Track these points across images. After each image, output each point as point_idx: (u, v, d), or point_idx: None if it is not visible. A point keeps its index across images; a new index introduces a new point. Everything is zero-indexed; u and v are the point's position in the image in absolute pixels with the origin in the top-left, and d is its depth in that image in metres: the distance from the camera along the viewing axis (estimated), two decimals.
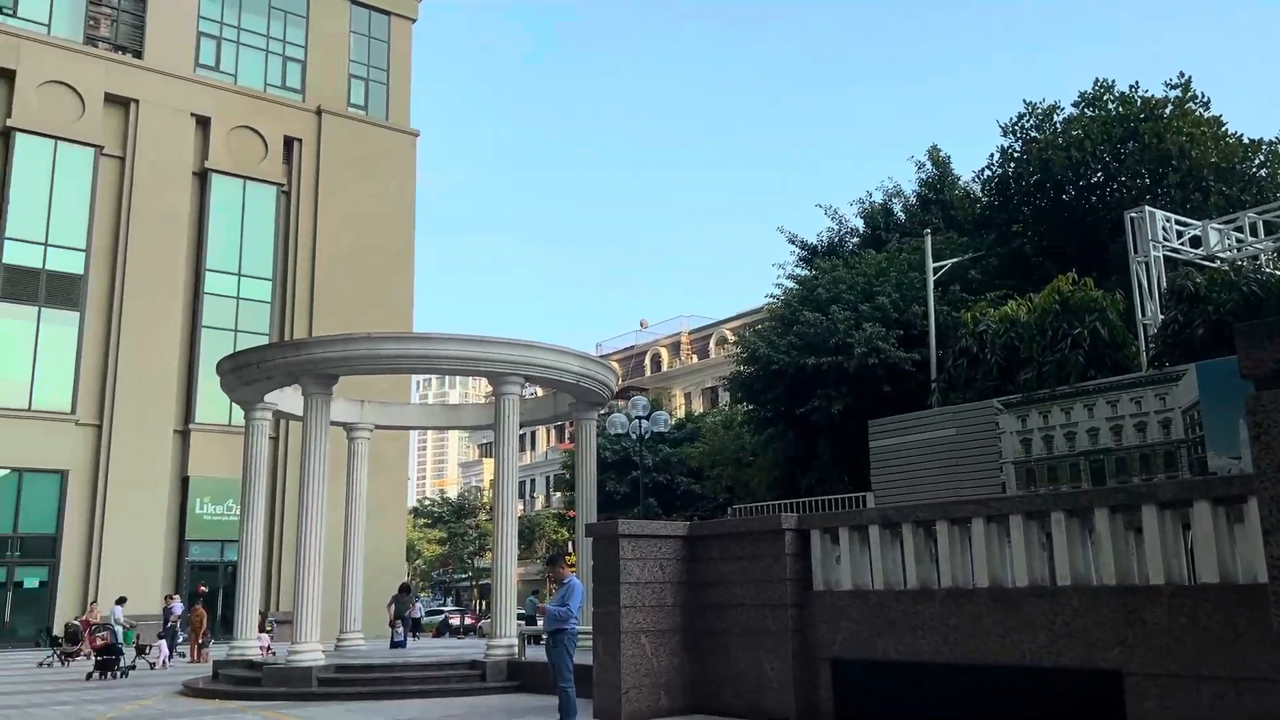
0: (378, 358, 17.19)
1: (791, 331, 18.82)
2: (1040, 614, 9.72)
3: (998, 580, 10.21)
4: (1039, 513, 10.02)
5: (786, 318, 19.42)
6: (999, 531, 10.32)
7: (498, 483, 17.83)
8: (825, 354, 17.77)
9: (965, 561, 10.54)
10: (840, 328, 17.89)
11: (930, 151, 25.57)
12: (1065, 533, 9.65)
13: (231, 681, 17.66)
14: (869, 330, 17.68)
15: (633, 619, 12.59)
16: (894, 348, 17.65)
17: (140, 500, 40.52)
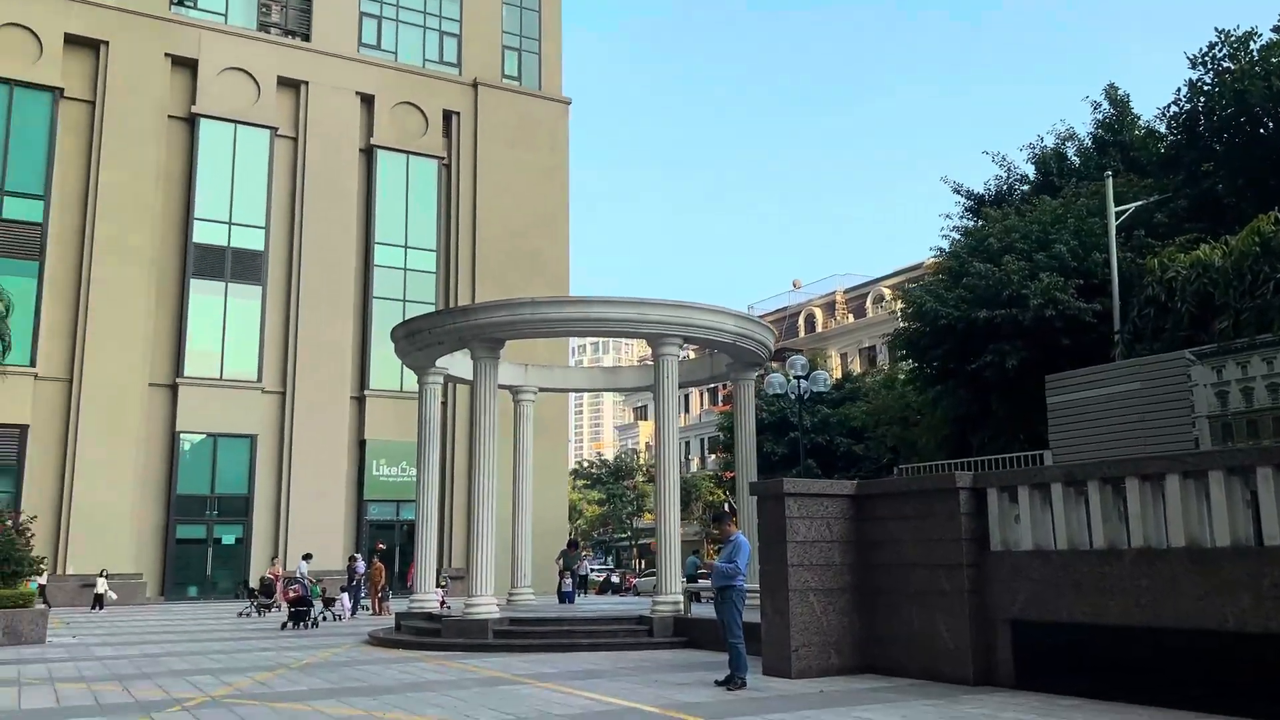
0: (541, 321, 17.52)
1: (960, 285, 18.10)
2: (1244, 575, 9.11)
3: (1195, 540, 9.62)
4: (1242, 468, 9.36)
5: (955, 270, 18.69)
6: (1196, 488, 9.70)
7: (659, 444, 17.96)
8: (998, 306, 17.01)
9: (1158, 520, 9.97)
10: (1014, 278, 17.06)
11: (1107, 90, 24.05)
12: (1274, 489, 8.98)
13: (413, 633, 18.51)
14: (1046, 280, 16.78)
15: (800, 577, 12.49)
16: (1073, 298, 16.73)
17: (322, 463, 42.90)
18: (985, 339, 17.49)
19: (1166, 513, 9.86)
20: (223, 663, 15.29)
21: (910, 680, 11.86)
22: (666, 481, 17.69)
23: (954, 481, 11.79)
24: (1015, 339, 16.98)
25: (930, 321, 18.09)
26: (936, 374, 18.91)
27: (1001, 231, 18.59)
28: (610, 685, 11.88)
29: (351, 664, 14.81)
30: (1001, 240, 18.37)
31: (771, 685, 11.74)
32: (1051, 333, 16.90)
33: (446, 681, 12.49)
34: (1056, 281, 16.91)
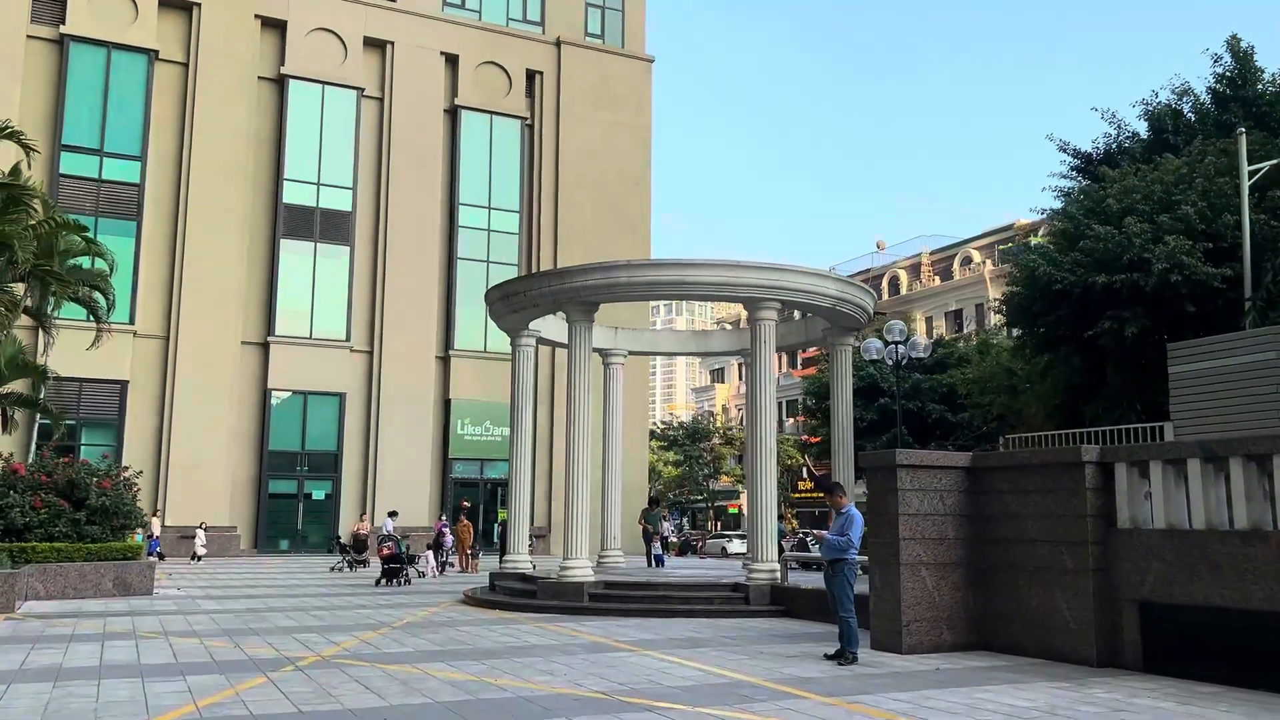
0: (636, 284, 17.27)
1: (1077, 248, 17.30)
2: None
3: None
4: None
5: (1069, 233, 17.87)
6: None
7: (753, 410, 17.65)
8: (1118, 271, 16.20)
9: None
10: (1137, 241, 16.21)
11: (1230, 42, 22.73)
12: None
13: (507, 593, 18.60)
14: (1172, 243, 15.90)
15: (912, 551, 12.13)
16: (1200, 263, 15.86)
17: (408, 421, 43.50)
18: (1103, 305, 16.72)
19: None
20: (326, 620, 15.51)
21: (1029, 660, 11.46)
22: (762, 448, 17.39)
23: (1080, 455, 11.28)
24: (1136, 305, 16.20)
25: (1043, 286, 17.37)
26: (1047, 341, 18.19)
27: (1121, 192, 17.69)
28: (716, 655, 11.70)
29: (452, 624, 14.90)
30: (1121, 201, 17.47)
31: (883, 661, 11.44)
32: (1175, 299, 16.06)
33: (551, 646, 12.44)
34: (1183, 244, 16.03)
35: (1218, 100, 22.87)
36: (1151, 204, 17.11)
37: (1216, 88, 23.07)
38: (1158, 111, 23.13)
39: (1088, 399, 17.74)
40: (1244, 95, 22.40)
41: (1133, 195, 17.44)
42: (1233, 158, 17.44)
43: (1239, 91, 22.60)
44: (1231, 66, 22.85)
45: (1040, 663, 11.29)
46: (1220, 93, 22.95)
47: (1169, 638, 10.48)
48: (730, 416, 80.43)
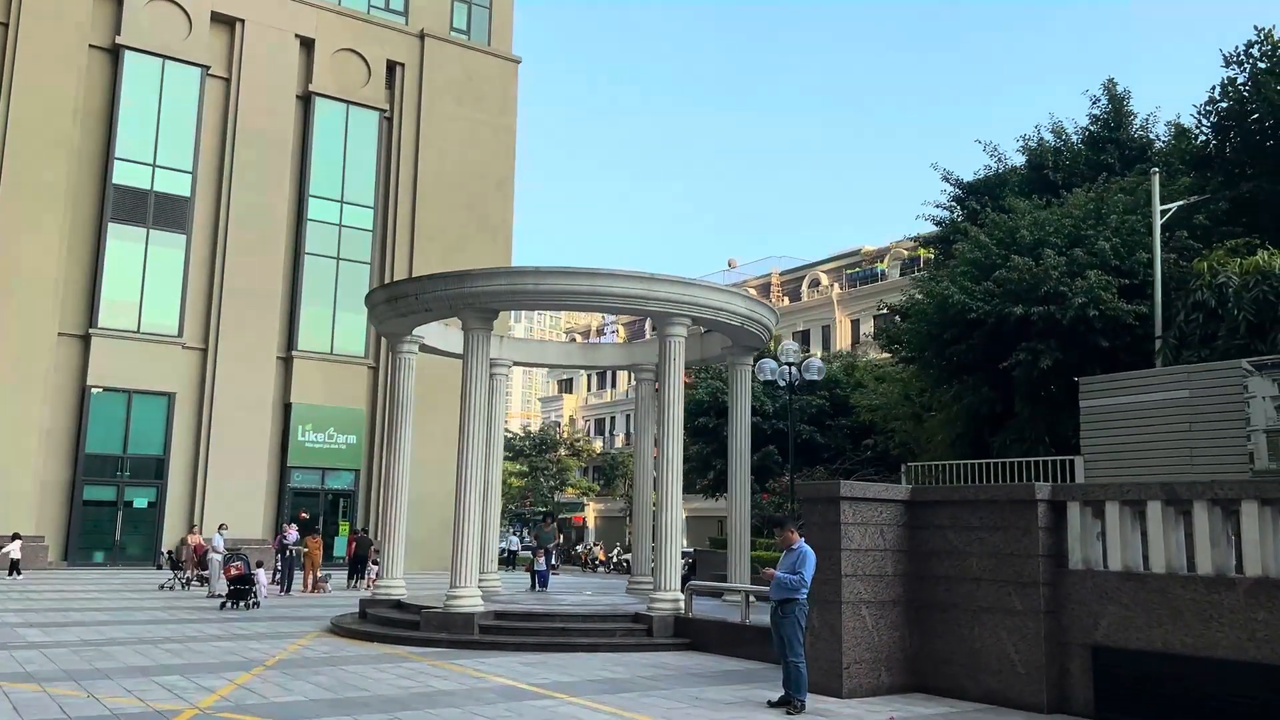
0: (543, 293, 16.17)
1: (990, 277, 17.33)
2: None
3: None
4: None
5: (981, 262, 17.91)
6: None
7: (662, 427, 16.81)
8: (1035, 303, 16.27)
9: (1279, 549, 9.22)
10: (1054, 274, 16.35)
11: (1106, 85, 23.58)
12: None
13: (382, 623, 17.06)
14: (1093, 278, 16.09)
15: (853, 589, 11.53)
16: (1115, 298, 16.10)
17: (244, 425, 40.55)
18: (1016, 336, 16.77)
19: None
20: (183, 656, 13.67)
21: (974, 705, 11.02)
22: (669, 469, 16.57)
23: (1033, 493, 10.94)
24: (1049, 338, 16.30)
25: (955, 314, 17.29)
26: (955, 369, 18.16)
27: (1033, 224, 17.86)
28: (648, 703, 10.74)
29: (332, 662, 13.36)
30: (1034, 233, 17.64)
31: (826, 706, 10.76)
32: (1089, 333, 16.26)
33: (460, 692, 11.19)
34: (1102, 280, 16.25)
35: (1092, 141, 23.63)
36: (1062, 238, 17.32)
37: (1092, 129, 23.85)
38: (1039, 149, 23.72)
39: (995, 429, 17.80)
40: (1118, 138, 23.21)
41: (1045, 228, 17.62)
42: (1137, 196, 17.89)
43: (1113, 134, 23.41)
44: (1106, 108, 23.67)
45: (986, 708, 10.86)
46: (1095, 134, 23.72)
47: (1123, 684, 10.20)
48: (578, 428, 79.52)
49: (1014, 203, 19.48)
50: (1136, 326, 16.12)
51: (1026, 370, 16.42)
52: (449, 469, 24.60)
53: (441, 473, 40.00)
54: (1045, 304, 16.28)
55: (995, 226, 18.70)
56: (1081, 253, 16.73)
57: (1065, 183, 22.84)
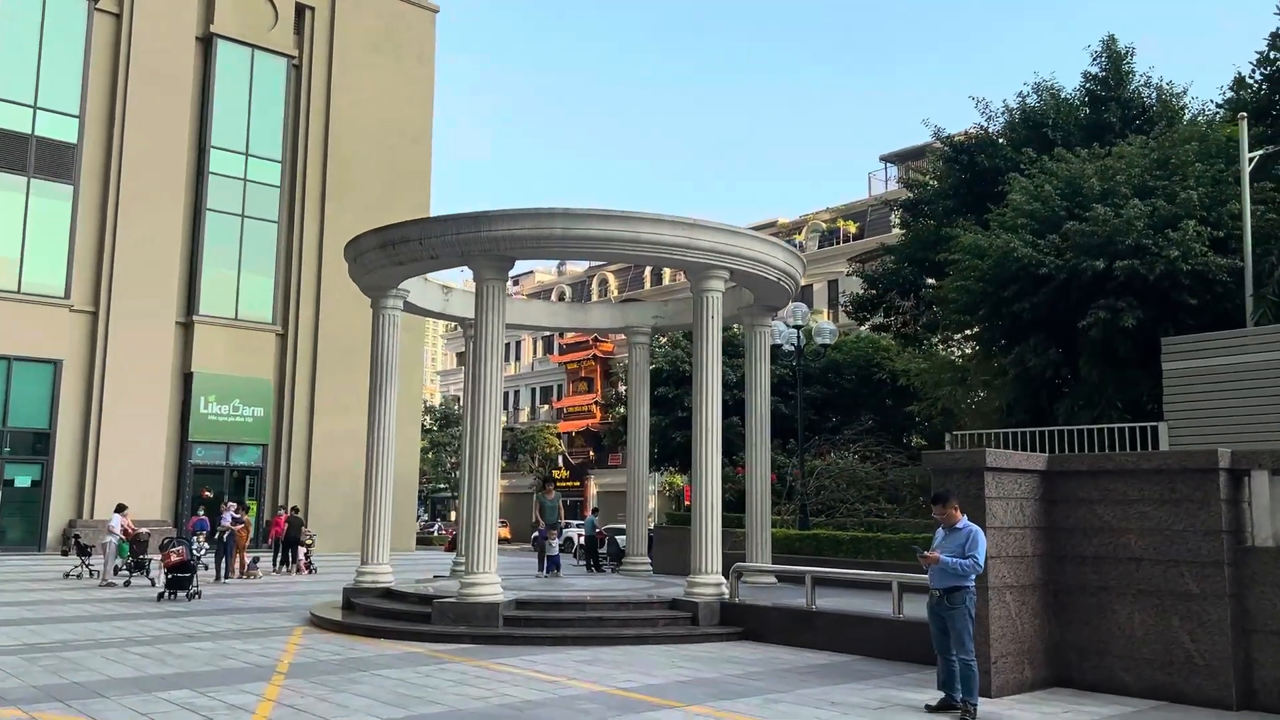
0: (574, 239, 14.15)
1: (1056, 231, 16.11)
2: None
3: None
4: None
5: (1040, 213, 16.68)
6: None
7: (698, 395, 15.07)
8: (1118, 256, 15.09)
9: None
10: (1139, 225, 15.19)
11: (1106, 42, 22.79)
12: None
13: (378, 615, 14.87)
14: (1190, 229, 14.97)
15: (998, 572, 10.08)
16: (1208, 251, 15.08)
17: (140, 396, 36.95)
18: (1088, 293, 15.60)
19: None
20: (167, 662, 11.29)
21: (1146, 702, 9.70)
22: (707, 440, 14.84)
23: (1215, 460, 9.64)
24: (1129, 295, 15.19)
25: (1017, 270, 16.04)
26: (1012, 329, 16.95)
27: (1101, 172, 16.70)
28: (784, 710, 9.05)
29: (359, 666, 11.21)
30: (1105, 182, 16.49)
31: (990, 710, 9.26)
32: (1172, 290, 15.20)
33: (550, 702, 9.28)
34: (1201, 231, 15.16)
35: (1094, 100, 22.82)
36: (1132, 187, 16.22)
37: (1091, 88, 23.04)
38: (1041, 107, 22.79)
39: (1055, 395, 16.67)
40: (1120, 96, 22.45)
41: (1114, 177, 16.48)
42: (1208, 145, 16.94)
43: (1113, 92, 22.64)
44: (1106, 67, 22.88)
45: (1161, 705, 9.57)
46: (1095, 93, 22.91)
47: None
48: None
49: (1060, 152, 18.38)
50: (1228, 281, 15.16)
51: (1105, 330, 15.27)
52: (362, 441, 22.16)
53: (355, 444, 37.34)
54: (1129, 258, 15.17)
55: (1051, 175, 17.52)
56: (1165, 203, 15.64)
57: (1065, 141, 21.93)
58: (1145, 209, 15.42)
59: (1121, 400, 15.92)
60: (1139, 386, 15.58)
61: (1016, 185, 17.92)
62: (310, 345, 41.54)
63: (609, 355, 63.46)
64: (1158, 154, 16.98)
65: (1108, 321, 15.17)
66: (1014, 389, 17.21)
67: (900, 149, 53.13)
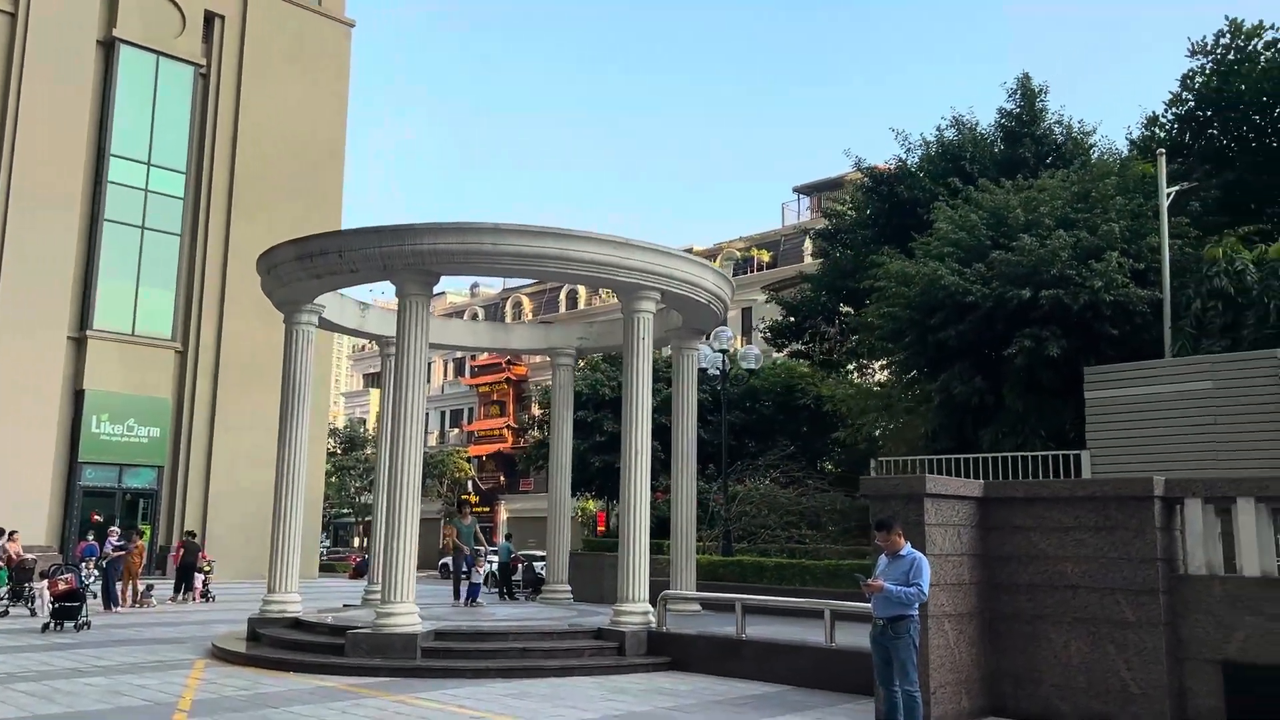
0: (503, 254, 13.70)
1: (981, 260, 16.29)
2: None
3: None
4: None
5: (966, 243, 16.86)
6: None
7: (628, 418, 14.73)
8: (1042, 286, 15.30)
9: None
10: (1063, 256, 15.43)
11: (1021, 80, 23.37)
12: None
13: (284, 647, 14.08)
14: (1112, 260, 15.27)
15: (937, 600, 9.91)
16: (1129, 283, 15.38)
17: (24, 414, 34.97)
18: (1013, 322, 15.77)
19: None
20: (56, 700, 10.42)
21: None
22: (635, 464, 14.50)
23: (1150, 488, 9.67)
24: (1053, 324, 15.39)
25: (944, 298, 16.13)
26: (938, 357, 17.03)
27: (1026, 203, 16.97)
28: None
29: (269, 702, 10.50)
30: (1029, 213, 16.75)
31: None
32: (1095, 320, 15.45)
33: None
34: (1123, 263, 15.47)
35: (1009, 136, 23.35)
36: (1055, 219, 16.52)
37: (1006, 124, 23.58)
38: (958, 140, 23.23)
39: (980, 422, 16.78)
40: (1035, 133, 23.02)
41: (1038, 209, 16.76)
42: (1127, 179, 17.36)
43: (1028, 129, 23.21)
44: (1020, 104, 23.45)
45: None
46: (1010, 129, 23.46)
47: (1267, 705, 9.05)
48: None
49: (987, 184, 18.68)
50: (1147, 313, 15.49)
51: (1029, 358, 15.46)
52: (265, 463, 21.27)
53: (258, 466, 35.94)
54: (1054, 288, 15.39)
55: (976, 206, 17.75)
56: (1088, 235, 15.96)
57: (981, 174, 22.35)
58: (1070, 240, 15.74)
59: (1045, 428, 16.14)
60: (1062, 415, 15.83)
61: (942, 214, 18.17)
62: (212, 362, 39.98)
63: (522, 378, 62.78)
64: (1078, 187, 17.41)
65: (1032, 350, 15.39)
66: (939, 416, 17.35)
67: (814, 180, 53.98)
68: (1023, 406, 16.05)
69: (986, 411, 16.52)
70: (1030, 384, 16.03)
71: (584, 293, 63.58)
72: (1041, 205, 16.73)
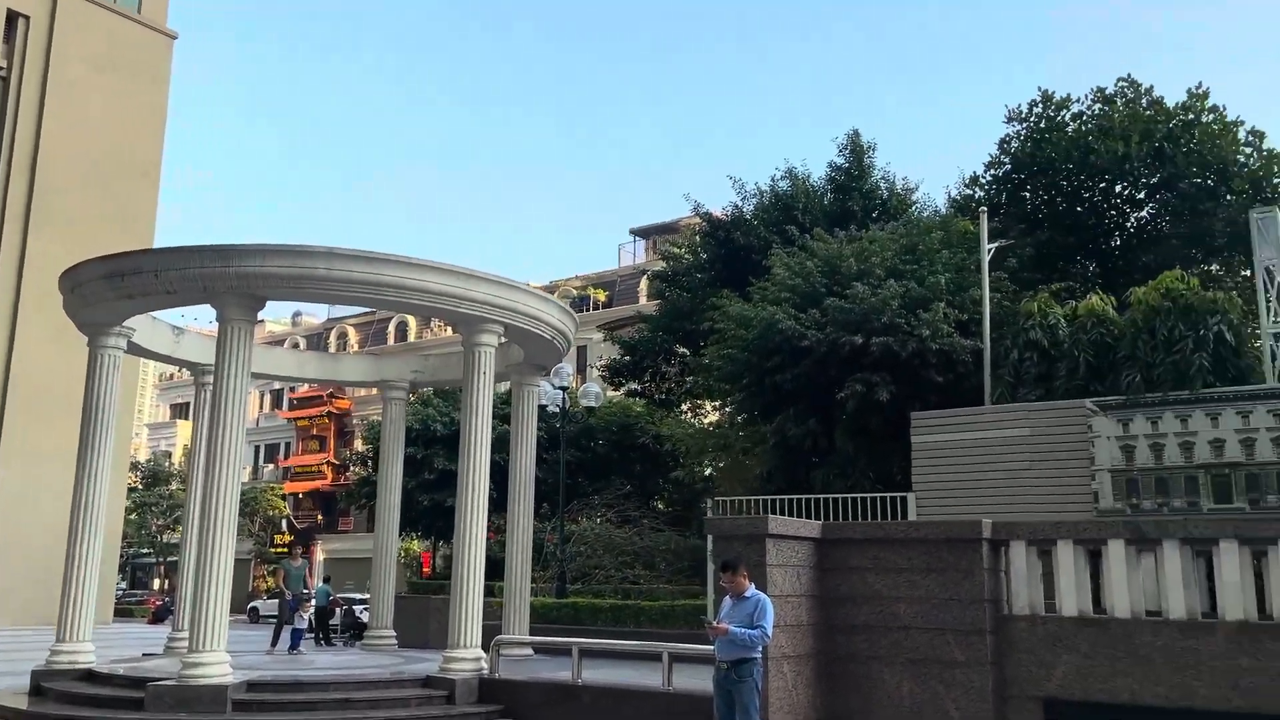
0: (335, 281, 13.02)
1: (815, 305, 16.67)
2: None
3: None
4: None
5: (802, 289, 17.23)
6: None
7: (466, 455, 14.26)
8: (873, 333, 15.78)
9: (1271, 590, 8.90)
10: (893, 305, 15.97)
11: (850, 136, 24.39)
12: None
13: (75, 702, 12.80)
14: (939, 311, 15.90)
15: (778, 642, 9.88)
16: (953, 333, 16.03)
17: None
18: (846, 367, 16.19)
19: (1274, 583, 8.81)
20: None
21: None
22: (472, 503, 14.03)
23: (979, 530, 10.00)
24: (883, 370, 15.88)
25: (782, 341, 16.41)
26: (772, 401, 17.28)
27: (858, 253, 17.52)
28: None
29: None
30: (861, 263, 17.29)
31: None
32: (922, 367, 16.04)
33: None
34: (949, 314, 16.13)
35: (838, 189, 24.29)
36: (884, 270, 17.13)
37: (836, 177, 24.54)
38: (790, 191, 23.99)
39: (813, 464, 17.07)
40: (863, 188, 24.04)
41: (869, 259, 17.35)
42: (950, 235, 18.21)
43: (856, 183, 24.22)
44: (850, 160, 24.47)
45: None
46: (840, 182, 24.42)
47: None
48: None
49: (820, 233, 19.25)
50: (969, 362, 16.21)
51: (860, 403, 15.92)
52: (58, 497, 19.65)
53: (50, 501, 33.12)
54: (884, 335, 15.93)
55: (812, 254, 18.25)
56: (916, 285, 16.62)
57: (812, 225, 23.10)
58: (899, 290, 16.40)
59: (874, 471, 16.64)
60: (890, 458, 16.36)
61: (779, 261, 18.63)
62: None
63: (345, 412, 60.60)
64: (907, 240, 18.21)
65: (863, 395, 15.89)
66: (773, 456, 17.65)
67: (650, 223, 54.79)
68: (853, 449, 16.54)
69: (819, 453, 16.94)
70: (861, 427, 16.54)
71: (415, 324, 62.09)
72: (873, 255, 17.42)
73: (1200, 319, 14.07)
